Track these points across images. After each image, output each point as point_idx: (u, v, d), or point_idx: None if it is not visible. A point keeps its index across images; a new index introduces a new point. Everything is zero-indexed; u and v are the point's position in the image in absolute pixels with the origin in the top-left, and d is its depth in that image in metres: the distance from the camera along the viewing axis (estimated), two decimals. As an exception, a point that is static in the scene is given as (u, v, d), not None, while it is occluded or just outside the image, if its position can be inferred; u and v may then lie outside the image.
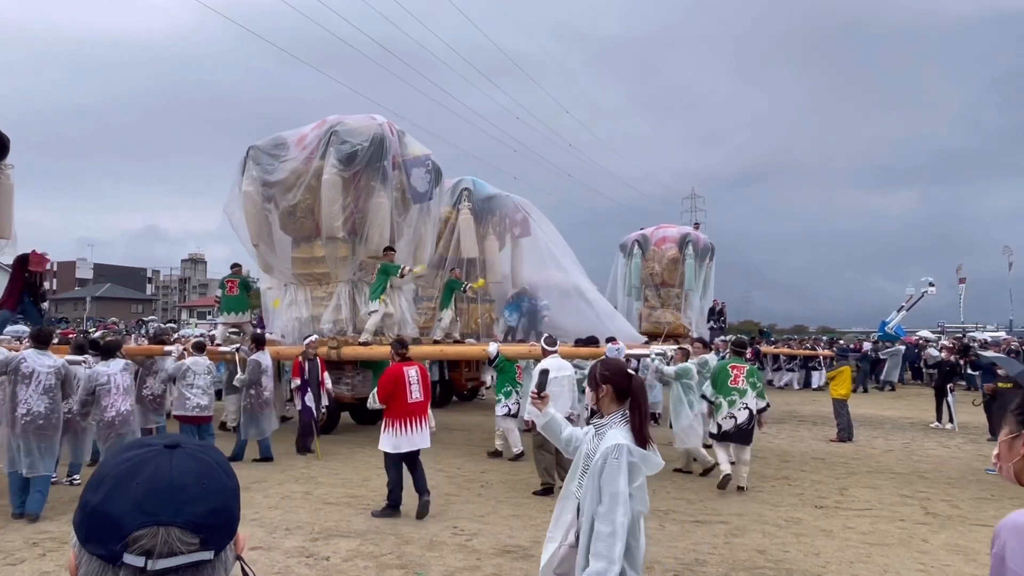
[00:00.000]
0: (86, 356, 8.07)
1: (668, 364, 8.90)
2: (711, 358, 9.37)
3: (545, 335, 8.83)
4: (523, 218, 15.68)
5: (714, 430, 8.18)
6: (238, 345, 10.76)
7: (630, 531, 2.74)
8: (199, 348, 9.13)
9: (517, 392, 9.72)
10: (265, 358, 9.67)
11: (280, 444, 10.28)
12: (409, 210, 12.56)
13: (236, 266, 13.23)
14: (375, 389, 7.03)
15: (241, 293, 12.60)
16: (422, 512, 6.59)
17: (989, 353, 13.27)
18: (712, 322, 23.29)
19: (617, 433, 2.85)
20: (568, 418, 8.02)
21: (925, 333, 32.69)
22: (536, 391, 3.28)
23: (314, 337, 10.46)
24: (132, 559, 0.82)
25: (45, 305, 11.05)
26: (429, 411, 7.15)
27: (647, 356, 9.53)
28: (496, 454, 9.76)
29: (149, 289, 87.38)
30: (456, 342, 13.08)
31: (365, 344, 11.16)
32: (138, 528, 0.82)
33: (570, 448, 3.19)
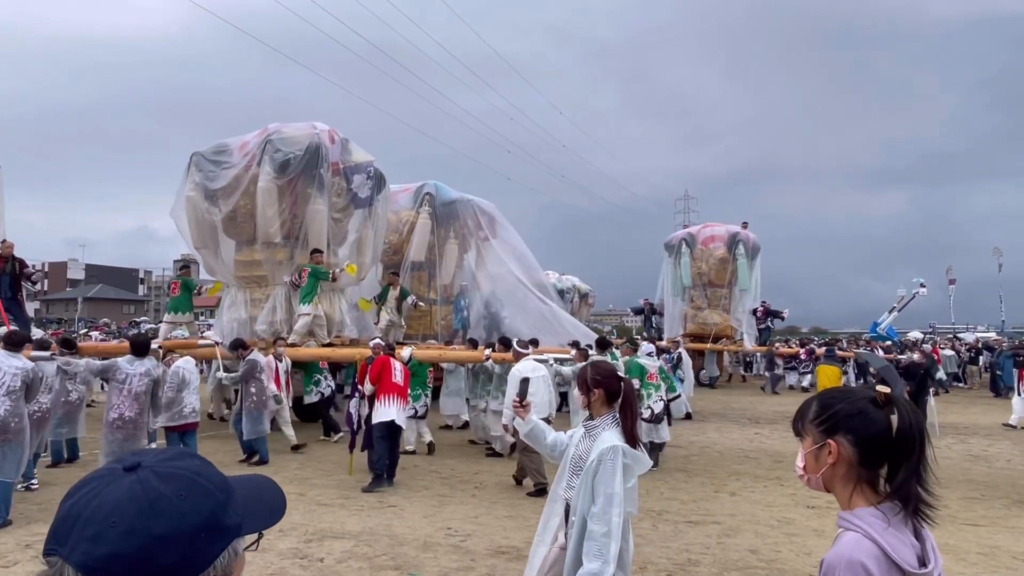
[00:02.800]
0: (52, 352, 8.09)
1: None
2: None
3: (516, 340, 9.40)
4: (487, 222, 15.98)
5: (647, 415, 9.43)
6: (218, 339, 10.77)
7: (621, 533, 2.77)
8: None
9: (426, 395, 10.51)
10: (260, 357, 9.67)
11: (274, 445, 10.27)
12: (351, 215, 12.95)
13: (185, 268, 13.64)
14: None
15: (183, 294, 12.90)
16: (366, 488, 7.72)
17: (867, 352, 13.62)
18: (767, 321, 22.95)
19: (610, 435, 2.88)
20: (545, 419, 8.36)
21: (916, 334, 32.86)
22: (518, 399, 3.29)
23: (378, 339, 10.43)
24: None
25: (36, 282, 10.94)
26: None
27: (547, 360, 10.12)
28: (410, 453, 9.94)
29: (141, 290, 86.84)
30: (399, 344, 13.36)
31: (292, 345, 11.37)
32: (47, 553, 0.78)
33: (555, 453, 3.20)
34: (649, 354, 11.67)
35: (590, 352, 10.15)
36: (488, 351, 10.34)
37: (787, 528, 6.49)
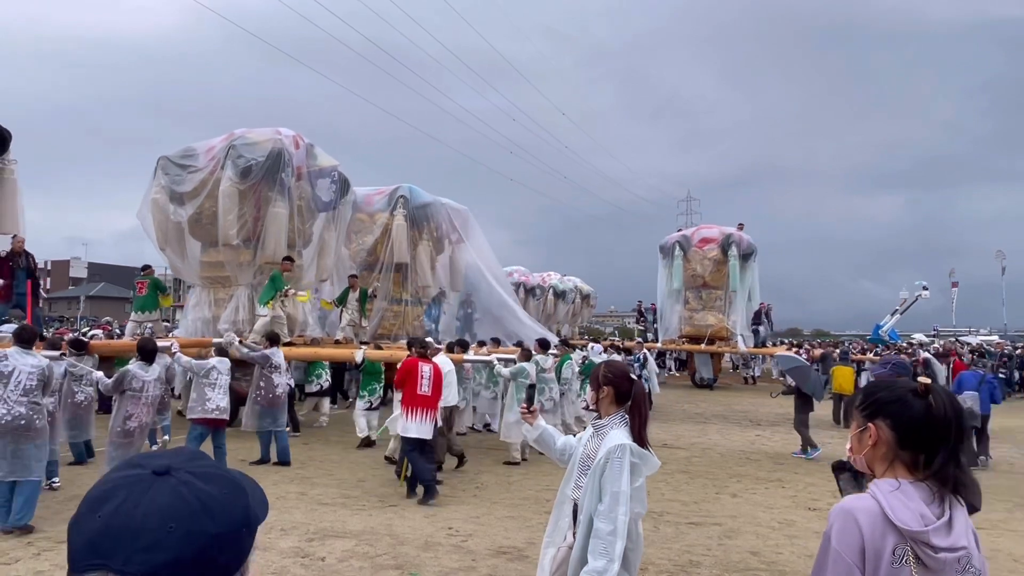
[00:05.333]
0: (62, 353, 8.01)
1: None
2: (528, 366, 10.09)
3: (427, 338, 10.11)
4: (460, 225, 16.48)
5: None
6: (232, 340, 10.76)
7: (627, 533, 2.76)
8: (222, 351, 8.87)
9: (381, 388, 11.03)
10: (278, 355, 9.62)
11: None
12: (315, 218, 13.37)
13: (147, 268, 14.04)
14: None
15: (150, 293, 13.39)
16: (422, 500, 7.22)
17: (780, 354, 14.11)
18: (759, 324, 22.99)
19: (618, 434, 2.88)
20: (456, 406, 9.19)
21: (919, 336, 32.81)
22: (526, 405, 3.31)
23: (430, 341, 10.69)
24: None
25: (38, 284, 10.99)
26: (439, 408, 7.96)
27: (491, 360, 10.70)
28: (369, 444, 10.42)
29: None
30: (362, 343, 13.74)
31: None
32: (86, 570, 0.73)
33: (564, 457, 3.20)
34: (600, 353, 13.28)
35: (533, 352, 10.51)
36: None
37: (788, 530, 6.49)
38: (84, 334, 14.72)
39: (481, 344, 12.94)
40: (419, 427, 7.43)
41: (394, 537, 5.98)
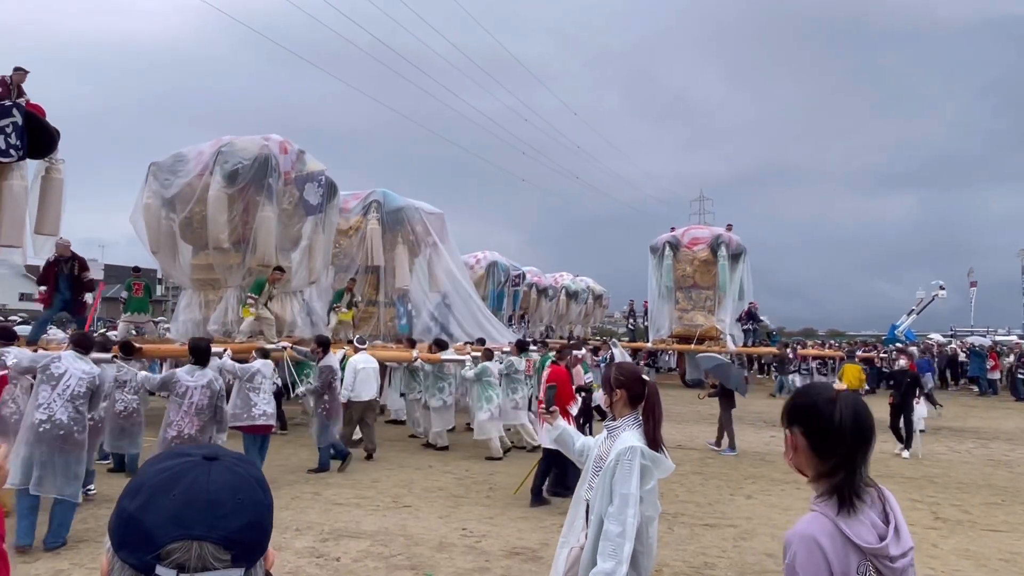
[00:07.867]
0: (113, 356, 7.86)
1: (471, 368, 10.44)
2: (491, 366, 10.41)
3: (357, 336, 10.90)
4: (436, 228, 16.84)
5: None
6: (286, 344, 10.80)
7: (638, 535, 2.75)
8: (265, 354, 8.68)
9: None
10: (335, 361, 9.52)
11: (283, 446, 10.34)
12: (303, 222, 13.69)
13: (137, 269, 14.70)
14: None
15: (145, 295, 14.08)
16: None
17: (701, 354, 14.37)
18: (748, 324, 23.00)
19: (630, 435, 2.88)
20: (374, 400, 9.55)
21: (936, 337, 32.43)
22: (544, 406, 3.36)
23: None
24: (164, 572, 0.81)
25: (89, 297, 11.13)
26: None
27: (466, 361, 10.94)
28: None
29: (159, 290, 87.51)
30: (348, 343, 14.03)
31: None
32: (172, 541, 0.82)
33: (583, 458, 3.21)
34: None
35: (495, 352, 10.79)
36: (416, 352, 11.02)
37: (804, 532, 6.44)
38: (103, 335, 14.93)
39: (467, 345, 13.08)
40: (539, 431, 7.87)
41: (408, 538, 6.00)
